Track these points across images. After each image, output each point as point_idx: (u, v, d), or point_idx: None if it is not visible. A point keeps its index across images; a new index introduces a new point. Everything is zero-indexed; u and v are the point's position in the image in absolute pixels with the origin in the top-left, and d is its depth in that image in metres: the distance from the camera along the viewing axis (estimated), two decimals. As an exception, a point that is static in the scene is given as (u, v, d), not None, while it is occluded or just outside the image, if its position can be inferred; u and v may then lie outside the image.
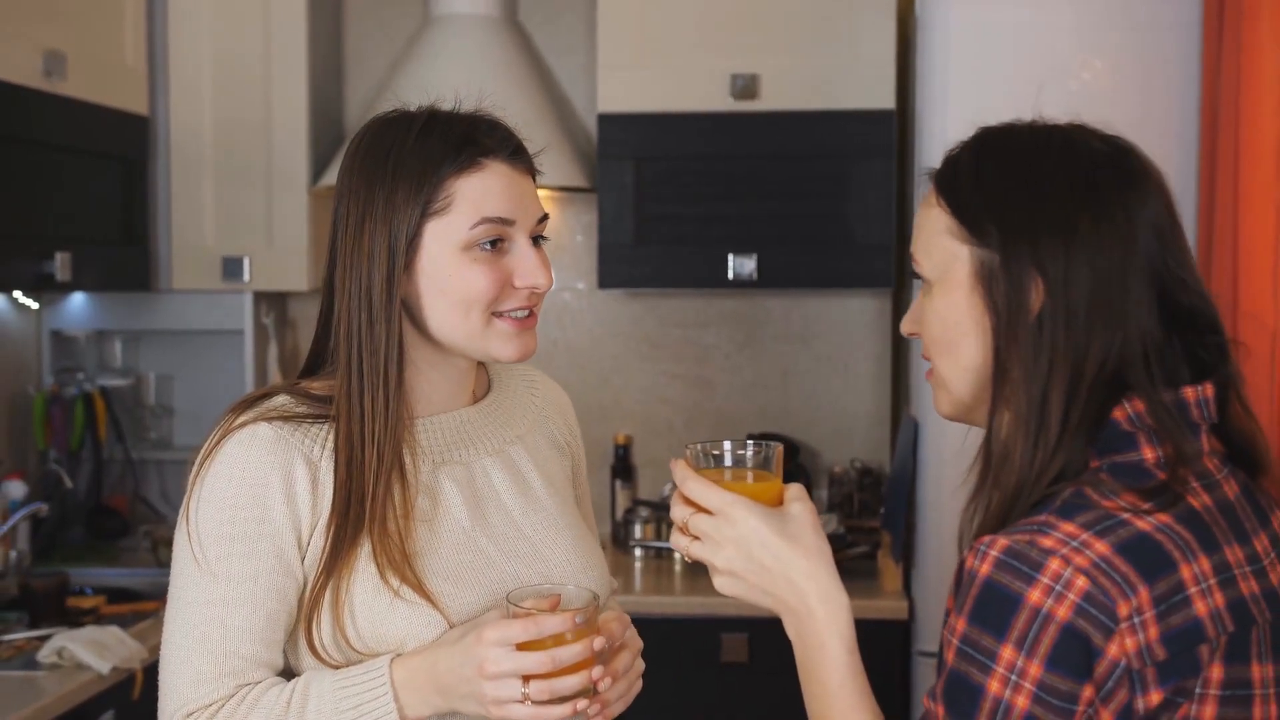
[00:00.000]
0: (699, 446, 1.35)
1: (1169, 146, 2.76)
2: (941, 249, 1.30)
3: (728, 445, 1.35)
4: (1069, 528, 1.15)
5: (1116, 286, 1.22)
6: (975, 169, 1.29)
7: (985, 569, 1.16)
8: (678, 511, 1.33)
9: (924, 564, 3.06)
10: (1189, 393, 1.24)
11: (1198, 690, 1.14)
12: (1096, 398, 1.22)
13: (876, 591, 3.25)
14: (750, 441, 1.36)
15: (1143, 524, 1.16)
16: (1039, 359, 1.22)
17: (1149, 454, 1.21)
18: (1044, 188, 1.25)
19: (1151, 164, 1.29)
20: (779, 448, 1.36)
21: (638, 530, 3.59)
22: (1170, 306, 1.26)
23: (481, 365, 1.69)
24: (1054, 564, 1.13)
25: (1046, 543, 1.15)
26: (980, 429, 1.34)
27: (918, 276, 1.34)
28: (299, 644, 1.51)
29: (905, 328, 1.37)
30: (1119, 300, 1.22)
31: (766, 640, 3.18)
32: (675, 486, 1.34)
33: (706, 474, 1.33)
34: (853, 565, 3.38)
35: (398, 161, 1.49)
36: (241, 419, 1.49)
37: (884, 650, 3.14)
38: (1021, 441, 1.22)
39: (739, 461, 1.35)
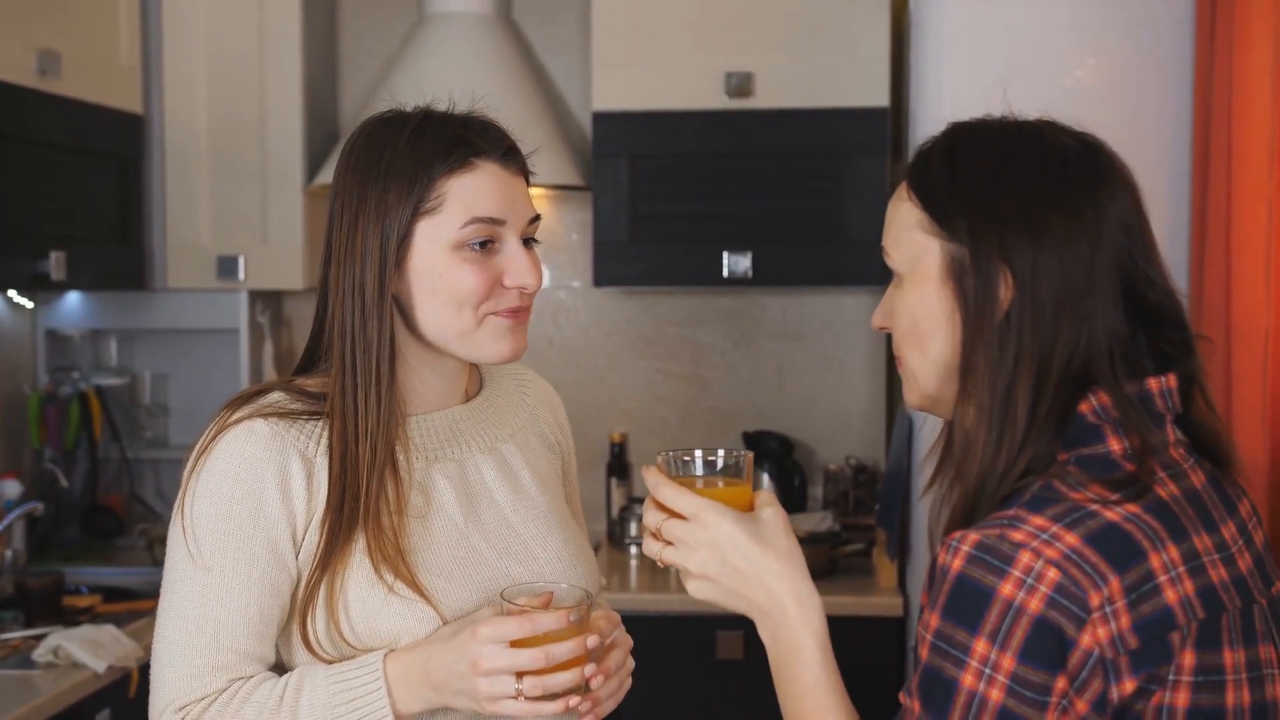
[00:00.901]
0: (670, 454, 1.37)
1: (1162, 143, 2.76)
2: (912, 243, 1.31)
3: (699, 453, 1.37)
4: (1039, 520, 1.17)
5: (1083, 282, 1.23)
6: (946, 164, 1.30)
7: (957, 564, 1.17)
8: (651, 517, 1.35)
9: (919, 561, 3.06)
10: (1153, 384, 1.25)
11: (1171, 677, 1.16)
12: (1063, 392, 1.23)
13: (871, 588, 3.25)
14: (721, 449, 1.38)
15: (1111, 514, 1.17)
16: (1005, 353, 1.23)
17: (1115, 445, 1.22)
18: (1013, 183, 1.26)
19: (1120, 160, 1.30)
20: (749, 455, 1.38)
21: (633, 528, 3.60)
22: (1136, 302, 1.27)
23: (473, 364, 1.69)
24: (1025, 557, 1.14)
25: (1017, 536, 1.16)
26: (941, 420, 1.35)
27: (890, 269, 1.35)
28: (292, 639, 1.52)
29: (876, 321, 1.38)
30: (1086, 295, 1.23)
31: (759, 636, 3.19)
32: (648, 495, 1.36)
33: (678, 480, 1.35)
34: (848, 562, 3.39)
35: (390, 161, 1.50)
36: (237, 415, 1.50)
37: (879, 647, 3.14)
38: (984, 435, 1.23)
39: (710, 468, 1.37)
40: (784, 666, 1.30)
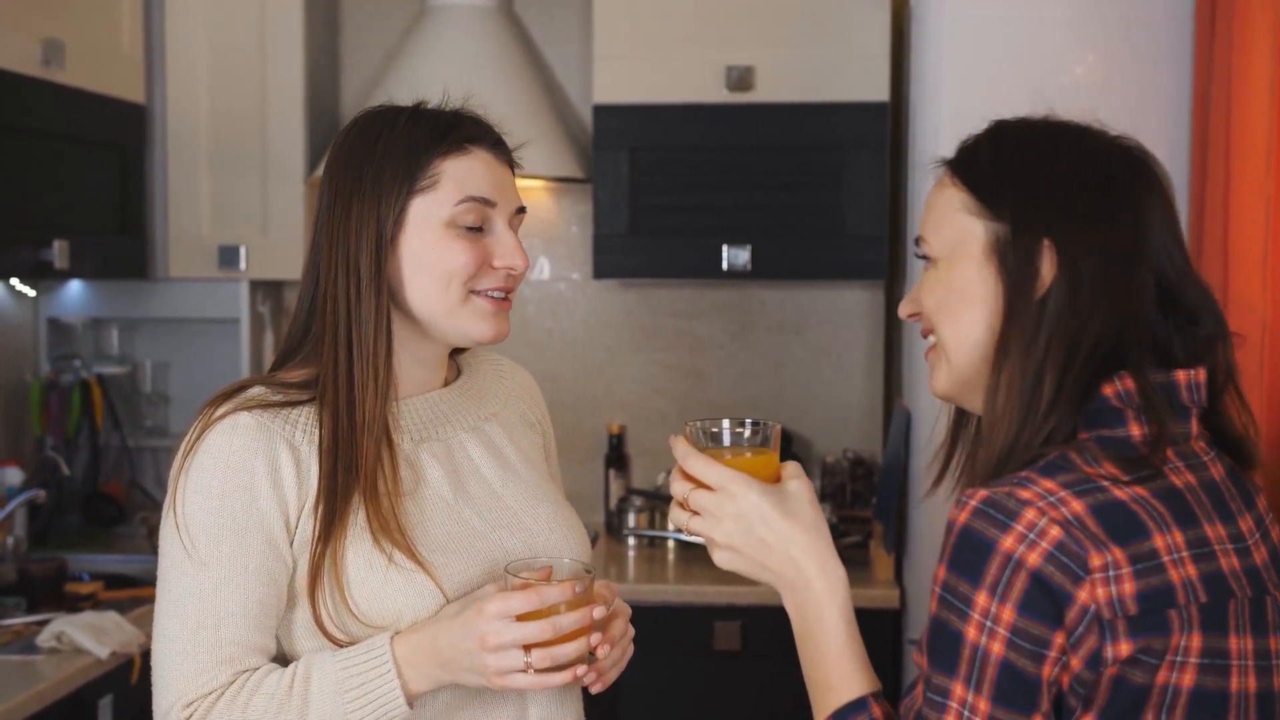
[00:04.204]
0: (699, 424, 1.37)
1: (1160, 139, 2.77)
2: (954, 225, 1.32)
3: (726, 423, 1.38)
4: (1048, 484, 1.19)
5: (1123, 269, 1.25)
6: (993, 150, 1.33)
7: (963, 517, 1.19)
8: (678, 487, 1.36)
9: (915, 553, 3.08)
10: (1180, 375, 1.27)
11: (1178, 659, 1.18)
12: (1087, 374, 1.25)
13: (868, 580, 3.27)
14: (749, 419, 1.38)
15: (1119, 493, 1.20)
16: (1040, 331, 1.25)
17: (1136, 431, 1.24)
18: (1060, 170, 1.29)
19: (1158, 163, 1.33)
20: (777, 426, 1.38)
21: (631, 519, 3.61)
22: (1172, 299, 1.29)
23: (451, 356, 1.72)
24: (1029, 514, 1.17)
25: (1024, 494, 1.18)
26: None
27: (923, 256, 1.36)
28: (293, 629, 1.53)
29: (904, 310, 1.39)
30: (1123, 283, 1.25)
31: (759, 628, 3.21)
32: (676, 465, 1.36)
33: (706, 451, 1.35)
34: (845, 555, 3.36)
35: (386, 145, 1.54)
36: (221, 410, 1.52)
37: (875, 639, 3.15)
38: (1013, 411, 1.25)
39: (738, 439, 1.38)
40: (808, 637, 1.32)
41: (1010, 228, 1.28)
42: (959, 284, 1.31)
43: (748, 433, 1.38)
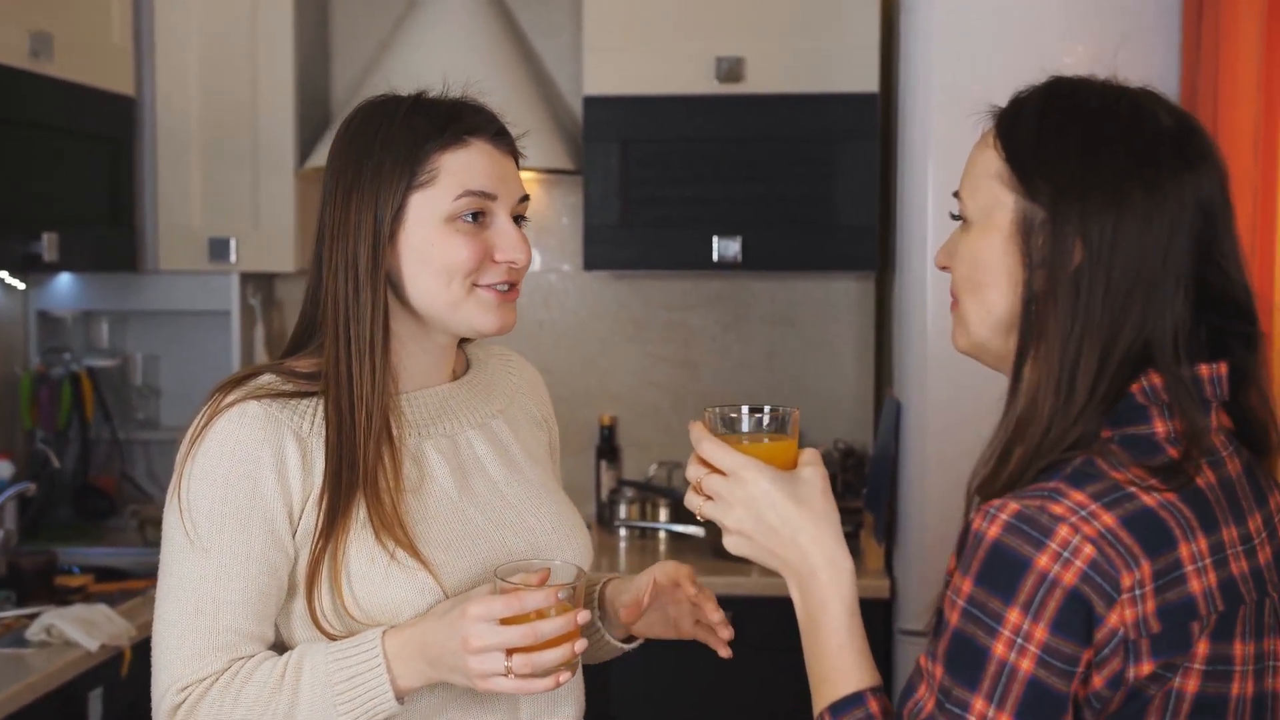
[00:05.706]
0: (717, 410, 1.37)
1: (1149, 131, 2.77)
2: (988, 192, 1.29)
3: (745, 409, 1.38)
4: (1078, 496, 1.17)
5: (1158, 265, 1.22)
6: (1038, 119, 1.28)
7: (994, 531, 1.17)
8: (692, 471, 1.35)
9: (906, 544, 3.08)
10: (1204, 370, 1.24)
11: (1184, 665, 1.17)
12: (1122, 374, 1.22)
13: (859, 571, 3.24)
14: (767, 406, 1.38)
15: (1148, 499, 1.17)
16: (1075, 324, 1.22)
17: (1160, 428, 1.22)
18: (1104, 153, 1.24)
19: (1212, 144, 1.28)
20: (795, 412, 1.37)
21: (623, 510, 3.62)
22: (1208, 291, 1.25)
23: (460, 348, 1.72)
24: (1063, 530, 1.15)
25: (1056, 509, 1.16)
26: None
27: (957, 217, 1.33)
28: (291, 617, 1.54)
29: (939, 260, 1.36)
30: (1159, 278, 1.22)
31: (752, 619, 3.21)
32: (693, 449, 1.36)
33: (723, 437, 1.35)
34: (836, 545, 3.40)
35: (386, 138, 1.54)
36: (230, 398, 1.52)
37: (866, 629, 3.15)
38: (1051, 400, 1.22)
39: (756, 425, 1.37)
40: (811, 628, 1.31)
41: (1043, 212, 1.24)
42: (985, 257, 1.28)
43: (766, 419, 1.37)
